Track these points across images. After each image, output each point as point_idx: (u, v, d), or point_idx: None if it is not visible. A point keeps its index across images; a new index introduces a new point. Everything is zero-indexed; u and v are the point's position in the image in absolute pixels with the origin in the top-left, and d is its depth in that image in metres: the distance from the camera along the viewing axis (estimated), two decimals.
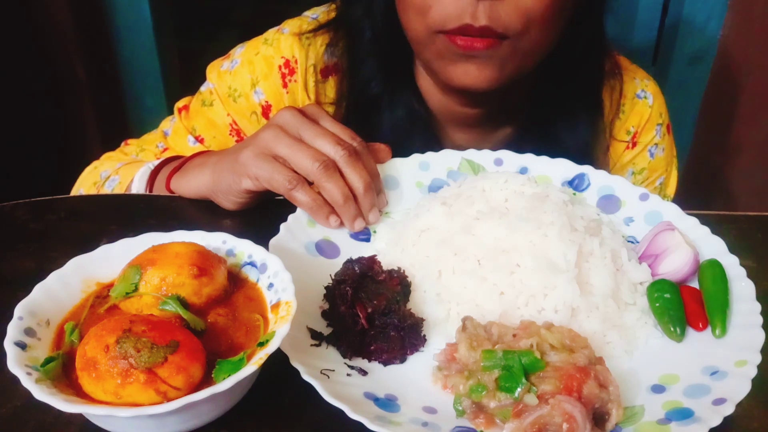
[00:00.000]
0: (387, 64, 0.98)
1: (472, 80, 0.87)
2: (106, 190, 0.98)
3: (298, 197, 0.76)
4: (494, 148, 0.88)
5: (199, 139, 1.05)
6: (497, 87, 0.88)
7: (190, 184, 0.86)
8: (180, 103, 1.09)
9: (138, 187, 0.93)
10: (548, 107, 1.00)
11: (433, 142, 1.01)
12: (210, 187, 0.83)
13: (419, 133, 1.00)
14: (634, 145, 1.09)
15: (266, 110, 1.02)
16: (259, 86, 1.01)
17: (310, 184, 0.77)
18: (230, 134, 1.05)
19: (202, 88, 1.07)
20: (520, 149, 0.88)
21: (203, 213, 0.86)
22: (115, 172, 1.00)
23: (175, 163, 0.92)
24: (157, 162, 0.95)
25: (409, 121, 0.99)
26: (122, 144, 1.12)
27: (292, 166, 0.76)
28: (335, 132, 0.78)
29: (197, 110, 1.05)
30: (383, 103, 0.99)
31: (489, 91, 0.88)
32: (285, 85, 1.01)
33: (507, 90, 0.91)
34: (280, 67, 1.00)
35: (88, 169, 1.06)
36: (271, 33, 1.03)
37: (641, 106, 1.08)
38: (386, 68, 0.98)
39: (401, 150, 0.86)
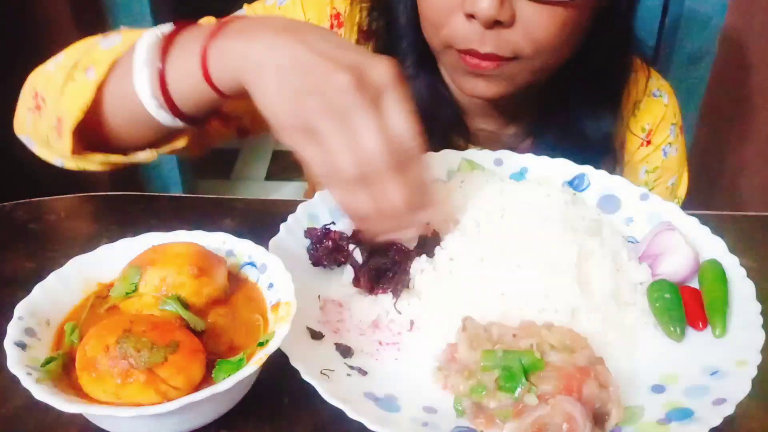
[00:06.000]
0: (419, 47, 0.97)
1: (481, 92, 0.89)
2: (101, 48, 0.78)
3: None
4: (517, 135, 0.87)
5: None
6: (507, 97, 0.90)
7: (238, 60, 0.65)
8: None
9: (144, 58, 0.72)
10: (571, 95, 1.00)
11: (458, 124, 1.02)
12: (250, 82, 0.65)
13: (445, 114, 1.00)
14: (649, 143, 1.09)
15: None
16: None
17: None
18: None
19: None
20: (542, 137, 0.87)
21: (203, 213, 0.86)
22: (118, 33, 0.80)
23: (204, 28, 0.72)
24: (170, 27, 0.75)
25: (436, 101, 0.99)
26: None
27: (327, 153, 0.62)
28: (395, 122, 0.63)
29: None
30: (411, 84, 0.98)
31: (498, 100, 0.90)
32: None
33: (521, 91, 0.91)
34: (331, 16, 0.99)
35: (75, 43, 0.86)
36: None
37: (657, 105, 1.08)
38: (419, 51, 0.97)
39: (426, 129, 0.86)
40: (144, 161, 0.81)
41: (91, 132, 0.77)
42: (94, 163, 0.79)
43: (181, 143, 0.81)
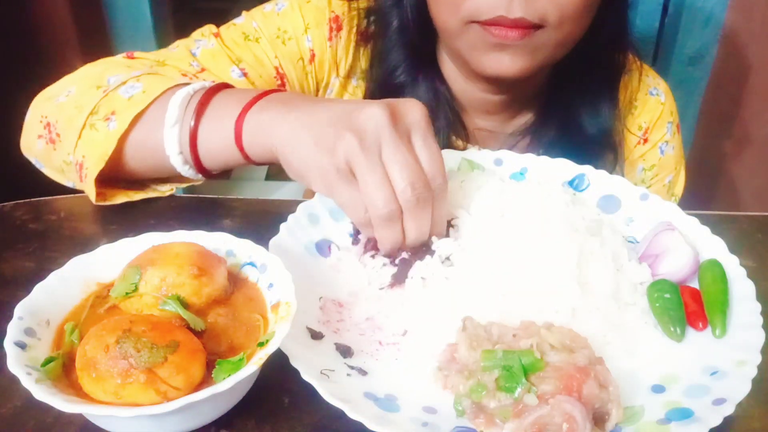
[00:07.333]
0: (413, 53, 0.98)
1: (505, 69, 0.89)
2: (121, 96, 0.80)
3: (365, 232, 0.72)
4: (515, 134, 0.88)
5: (244, 73, 0.95)
6: (528, 75, 0.90)
7: (272, 130, 0.71)
8: (209, 29, 0.98)
9: (176, 117, 0.77)
10: (570, 93, 1.01)
11: (457, 124, 1.02)
12: (284, 147, 0.70)
13: (443, 114, 1.01)
14: (646, 141, 1.09)
15: (312, 59, 1.00)
16: (309, 33, 0.99)
17: None
18: (275, 78, 0.98)
19: (238, 21, 0.99)
20: (541, 135, 0.88)
21: (203, 213, 0.86)
22: (136, 79, 0.82)
23: (246, 94, 0.76)
24: (199, 85, 0.79)
25: (434, 101, 1.00)
26: (122, 56, 0.93)
27: (361, 194, 0.67)
28: (422, 159, 0.67)
29: (239, 43, 0.97)
30: (407, 89, 1.00)
31: (518, 79, 0.90)
32: (330, 38, 1.00)
33: (531, 76, 0.92)
34: (329, 20, 1.00)
35: (82, 71, 0.89)
36: None
37: (654, 103, 1.09)
38: (412, 57, 0.99)
39: None
40: (162, 195, 0.87)
41: (109, 171, 0.81)
42: (115, 201, 0.84)
43: (198, 182, 0.85)
